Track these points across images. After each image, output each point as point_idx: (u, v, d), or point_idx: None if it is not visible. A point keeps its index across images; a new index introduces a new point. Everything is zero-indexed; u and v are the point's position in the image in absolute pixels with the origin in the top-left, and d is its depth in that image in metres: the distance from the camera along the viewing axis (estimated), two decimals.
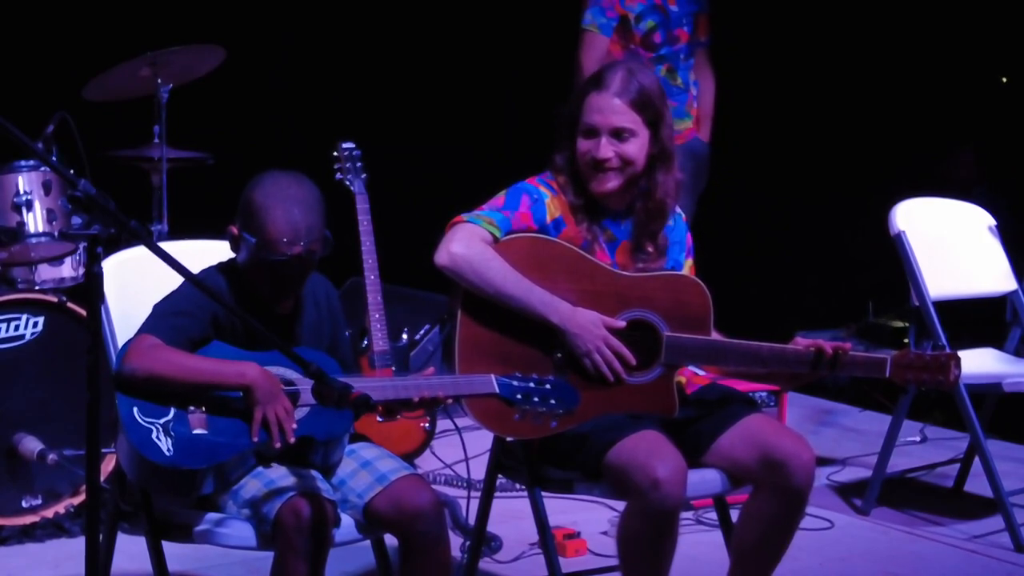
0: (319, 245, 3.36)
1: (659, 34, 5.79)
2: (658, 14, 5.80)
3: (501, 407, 3.38)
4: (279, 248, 3.31)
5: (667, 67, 5.81)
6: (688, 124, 5.87)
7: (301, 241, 3.32)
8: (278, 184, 3.36)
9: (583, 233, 3.68)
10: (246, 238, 3.34)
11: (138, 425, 3.21)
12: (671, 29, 5.82)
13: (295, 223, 3.31)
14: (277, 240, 3.30)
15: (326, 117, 6.70)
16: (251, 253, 3.34)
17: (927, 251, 5.02)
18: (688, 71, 5.90)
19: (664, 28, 5.81)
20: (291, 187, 3.36)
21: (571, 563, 4.34)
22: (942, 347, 5.17)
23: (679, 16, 5.84)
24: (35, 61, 6.34)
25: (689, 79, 5.90)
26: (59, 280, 4.94)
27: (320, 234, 3.36)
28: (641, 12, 5.79)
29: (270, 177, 3.38)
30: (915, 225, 5.03)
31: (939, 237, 5.12)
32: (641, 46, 5.76)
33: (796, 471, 3.56)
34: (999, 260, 5.24)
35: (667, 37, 5.81)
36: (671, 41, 5.82)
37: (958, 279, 5.14)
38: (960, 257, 5.18)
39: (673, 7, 5.82)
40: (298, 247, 3.32)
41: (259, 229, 3.32)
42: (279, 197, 3.33)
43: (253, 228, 3.33)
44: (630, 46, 5.75)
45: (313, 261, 3.38)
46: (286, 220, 3.31)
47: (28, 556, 4.55)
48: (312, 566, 3.20)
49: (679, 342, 3.64)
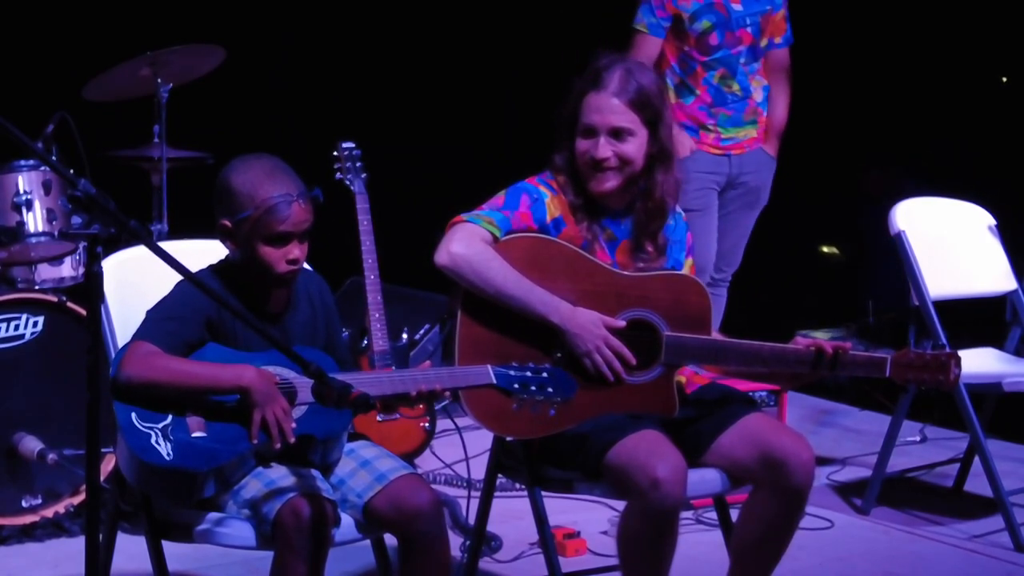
0: (310, 201, 3.37)
1: (716, 35, 5.41)
2: (716, 13, 5.41)
3: (501, 406, 3.38)
4: (279, 209, 3.31)
5: (721, 72, 5.44)
6: (750, 132, 5.54)
7: (295, 196, 3.33)
8: (247, 161, 3.39)
9: (583, 233, 3.68)
10: (240, 220, 3.33)
11: (137, 430, 3.21)
12: (732, 30, 5.43)
13: (283, 182, 3.33)
14: (273, 203, 3.31)
15: (326, 117, 6.70)
16: (249, 233, 3.33)
17: (927, 251, 5.02)
18: (749, 77, 5.49)
19: (722, 29, 5.42)
20: (261, 159, 3.39)
21: (571, 563, 4.34)
22: (942, 346, 5.18)
23: (741, 16, 5.45)
24: (35, 61, 6.34)
25: (750, 85, 5.49)
26: (59, 280, 4.94)
27: (306, 189, 3.37)
28: (696, 11, 5.41)
29: (237, 160, 3.41)
30: (915, 225, 5.03)
31: (939, 237, 5.12)
32: (695, 48, 5.42)
33: (796, 470, 3.56)
34: (999, 260, 5.24)
35: (725, 39, 5.43)
36: (730, 43, 5.44)
37: (958, 279, 5.15)
38: (960, 257, 5.19)
39: (736, 6, 5.43)
40: (295, 203, 3.32)
41: (252, 201, 3.32)
42: (256, 170, 3.35)
43: (245, 204, 3.32)
44: (684, 48, 5.44)
45: (310, 220, 3.37)
46: (272, 183, 3.33)
47: (28, 556, 4.55)
48: (312, 566, 3.20)
49: (679, 342, 3.64)
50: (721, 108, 5.48)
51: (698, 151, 5.46)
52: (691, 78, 5.44)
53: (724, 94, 5.47)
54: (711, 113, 5.48)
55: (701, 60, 5.43)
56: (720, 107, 5.48)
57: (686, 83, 5.46)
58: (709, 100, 5.46)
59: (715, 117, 5.48)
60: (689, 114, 5.46)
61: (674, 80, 5.47)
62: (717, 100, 5.47)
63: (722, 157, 5.51)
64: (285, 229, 3.33)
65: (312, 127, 6.32)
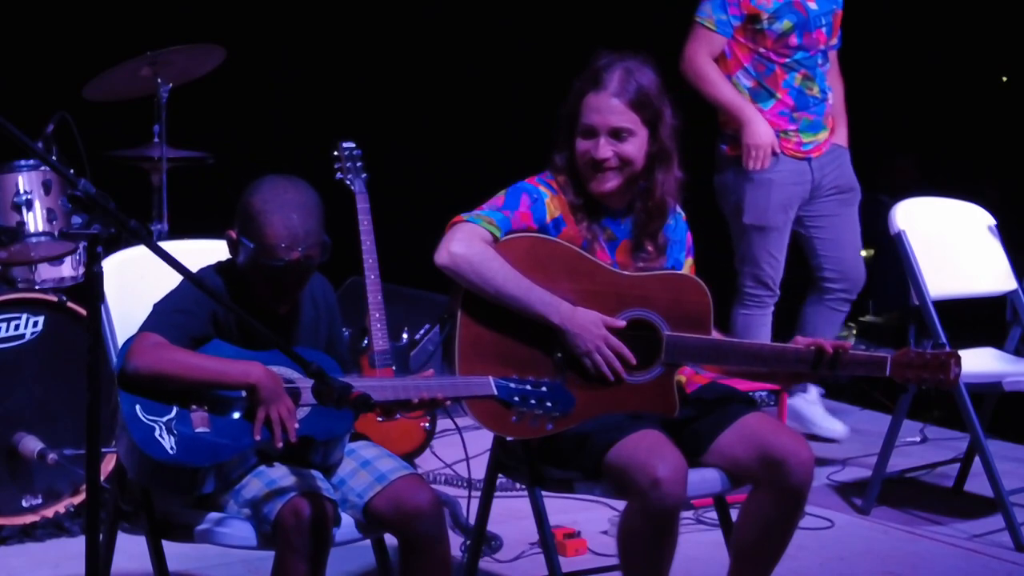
0: (317, 251, 3.36)
1: (795, 36, 5.28)
2: (795, 13, 5.27)
3: (500, 408, 3.39)
4: (277, 253, 3.30)
5: (803, 74, 5.32)
6: (825, 134, 5.46)
7: (299, 247, 3.31)
8: (276, 189, 3.35)
9: (583, 233, 3.68)
10: (244, 243, 3.34)
11: (141, 423, 3.21)
12: (809, 31, 5.30)
13: (293, 228, 3.31)
14: (275, 245, 3.30)
15: (326, 117, 6.70)
16: (249, 258, 3.34)
17: (927, 250, 5.02)
18: (825, 78, 5.41)
19: (801, 29, 5.28)
20: (289, 192, 3.35)
21: (571, 563, 4.33)
22: (942, 346, 5.18)
23: (817, 16, 5.32)
24: (35, 61, 6.34)
25: (826, 87, 5.42)
26: (59, 280, 4.94)
27: (318, 239, 3.35)
28: (777, 10, 5.25)
29: (268, 182, 3.38)
30: (915, 224, 5.03)
31: (939, 237, 5.12)
32: (772, 51, 5.27)
33: (795, 469, 3.56)
34: (999, 260, 5.24)
35: (804, 40, 5.29)
36: (809, 44, 5.30)
37: (958, 279, 5.15)
38: (960, 257, 5.18)
39: (812, 5, 5.29)
40: (296, 252, 3.31)
41: (257, 234, 3.31)
42: (277, 202, 3.33)
43: (251, 233, 3.32)
44: (759, 50, 5.29)
45: (311, 267, 3.38)
46: (284, 225, 3.31)
47: (28, 556, 4.55)
48: (313, 566, 3.20)
49: (679, 341, 3.63)
50: (804, 112, 5.38)
51: (783, 156, 5.36)
52: (770, 81, 5.33)
53: (806, 97, 5.35)
54: (792, 118, 5.37)
55: (780, 62, 5.30)
56: (803, 111, 5.37)
57: (764, 86, 5.34)
58: (791, 104, 5.36)
59: (797, 122, 5.38)
60: (768, 120, 5.34)
61: (748, 83, 5.35)
62: (799, 104, 5.36)
63: (803, 162, 5.43)
64: (278, 277, 3.34)
65: (312, 127, 6.32)
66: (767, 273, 5.58)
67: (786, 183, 5.42)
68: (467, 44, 7.38)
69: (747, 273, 5.62)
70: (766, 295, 5.62)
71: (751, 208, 5.47)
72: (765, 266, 5.57)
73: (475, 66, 7.39)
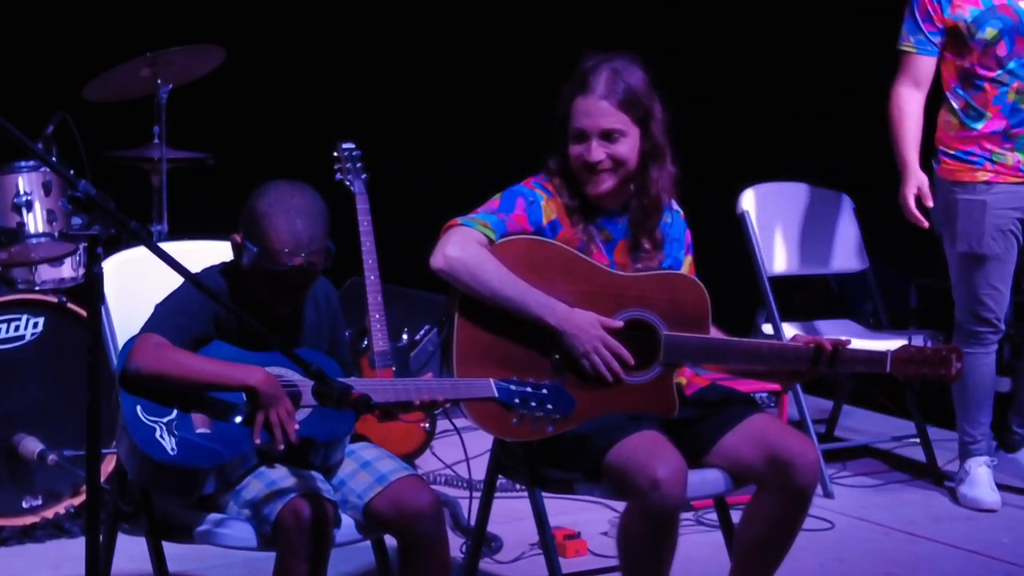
0: (321, 257, 3.36)
1: (1004, 44, 4.72)
2: (1001, 18, 4.73)
3: (499, 410, 3.39)
4: (280, 259, 3.30)
5: (1016, 87, 4.75)
6: None
7: (302, 253, 3.31)
8: (282, 194, 3.35)
9: (580, 235, 3.68)
10: (248, 247, 3.34)
11: (141, 423, 3.22)
12: (1021, 34, 4.73)
13: (297, 234, 3.31)
14: (278, 251, 3.30)
15: (326, 117, 6.70)
16: (252, 261, 3.34)
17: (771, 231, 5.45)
18: None
19: (1010, 36, 4.72)
20: (295, 197, 3.35)
21: (571, 563, 4.34)
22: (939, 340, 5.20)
23: None
24: (35, 61, 6.34)
25: None
26: (59, 280, 4.94)
27: (322, 246, 3.35)
28: (978, 17, 4.73)
29: (274, 186, 3.38)
30: (763, 207, 5.41)
31: (791, 219, 5.51)
32: (979, 64, 4.74)
33: (801, 470, 3.56)
34: (854, 240, 5.61)
35: (1015, 47, 4.73)
36: (1021, 51, 4.73)
37: (812, 258, 5.59)
38: (814, 237, 5.55)
39: (1022, 6, 4.73)
40: (299, 259, 3.31)
41: (261, 239, 3.31)
42: (282, 207, 3.32)
43: (255, 237, 3.32)
44: (964, 66, 4.77)
45: (314, 273, 3.38)
46: (288, 231, 3.31)
47: (28, 556, 4.55)
48: (313, 567, 3.21)
49: (678, 341, 3.63)
50: (1020, 129, 4.82)
51: (995, 184, 4.82)
52: (978, 99, 4.81)
53: (1021, 111, 4.80)
54: (1007, 136, 4.82)
55: (989, 76, 4.78)
56: (1019, 128, 4.82)
57: (972, 106, 4.82)
58: (1005, 122, 4.81)
59: (1012, 140, 4.82)
60: (979, 142, 4.83)
61: (958, 104, 4.85)
62: (1014, 121, 4.81)
63: (1021, 187, 4.87)
64: (280, 282, 3.34)
65: (312, 127, 6.31)
66: (987, 307, 4.95)
67: (1002, 206, 4.87)
68: (467, 44, 7.38)
69: (964, 308, 5.00)
70: (987, 332, 4.99)
71: (964, 235, 4.91)
72: (986, 299, 4.94)
73: (475, 67, 7.39)
